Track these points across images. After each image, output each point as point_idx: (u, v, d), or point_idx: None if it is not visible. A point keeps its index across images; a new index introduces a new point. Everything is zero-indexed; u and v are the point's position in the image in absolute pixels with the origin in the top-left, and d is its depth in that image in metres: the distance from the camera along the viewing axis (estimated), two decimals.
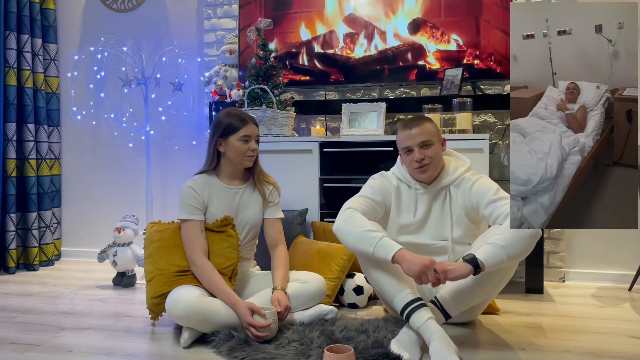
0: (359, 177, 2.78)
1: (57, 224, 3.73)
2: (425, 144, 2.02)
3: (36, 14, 3.49)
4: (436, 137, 2.05)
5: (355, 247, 1.90)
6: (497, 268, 1.81)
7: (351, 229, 1.90)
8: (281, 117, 2.91)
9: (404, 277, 1.90)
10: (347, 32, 3.15)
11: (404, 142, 2.05)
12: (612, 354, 1.85)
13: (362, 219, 1.92)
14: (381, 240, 1.84)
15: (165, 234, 2.19)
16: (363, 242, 1.86)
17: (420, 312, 1.80)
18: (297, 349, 1.80)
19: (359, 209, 1.98)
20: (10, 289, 2.87)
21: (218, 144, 2.16)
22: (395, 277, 1.90)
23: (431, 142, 2.03)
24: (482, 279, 1.86)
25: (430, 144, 2.03)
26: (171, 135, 3.53)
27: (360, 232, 1.88)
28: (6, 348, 1.95)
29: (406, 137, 2.04)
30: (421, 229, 2.11)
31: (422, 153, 2.02)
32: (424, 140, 2.02)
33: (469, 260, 1.75)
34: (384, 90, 3.24)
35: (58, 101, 3.70)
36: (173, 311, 1.93)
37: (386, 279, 1.91)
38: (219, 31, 3.49)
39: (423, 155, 2.02)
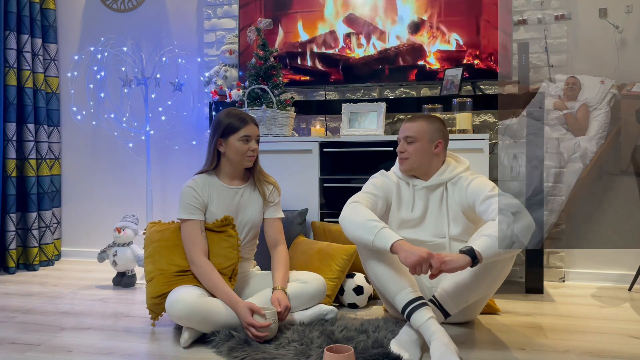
0: (359, 177, 2.78)
1: (57, 224, 3.73)
2: (408, 139, 2.13)
3: (36, 14, 3.49)
4: (425, 136, 2.12)
5: (356, 235, 1.92)
6: (494, 260, 1.82)
7: (354, 218, 1.94)
8: (281, 117, 2.91)
9: (405, 275, 1.90)
10: (347, 32, 3.15)
11: (399, 132, 2.19)
12: (612, 354, 1.85)
13: (366, 211, 1.96)
14: (382, 230, 1.86)
15: (165, 234, 2.19)
16: (364, 231, 1.88)
17: (422, 311, 1.80)
18: (297, 349, 1.80)
19: (363, 203, 2.02)
20: (10, 289, 2.87)
21: (218, 144, 2.16)
22: (397, 274, 1.90)
23: (414, 139, 2.11)
24: (479, 274, 1.87)
25: (413, 140, 2.12)
26: (171, 135, 3.53)
27: (363, 221, 1.90)
28: (6, 348, 1.95)
29: (401, 128, 2.18)
30: (420, 224, 2.14)
31: (403, 146, 2.14)
32: (407, 135, 2.13)
33: (467, 251, 1.76)
34: (384, 90, 3.24)
35: (58, 101, 3.70)
36: (173, 311, 1.93)
37: (388, 276, 1.91)
38: (219, 31, 3.49)
39: (404, 149, 2.14)
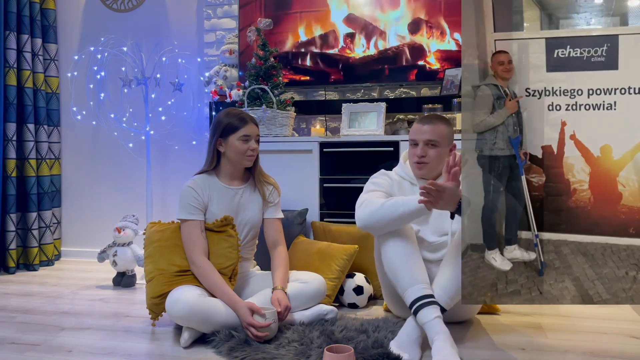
0: (359, 177, 2.78)
1: (57, 224, 3.73)
2: (431, 143, 2.04)
3: (36, 14, 3.49)
4: (446, 140, 2.06)
5: (384, 220, 1.89)
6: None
7: (373, 210, 1.91)
8: (281, 117, 2.91)
9: (420, 269, 1.88)
10: (347, 32, 3.15)
11: (413, 134, 2.08)
12: (612, 354, 1.85)
13: (377, 200, 1.94)
14: (400, 199, 1.87)
15: (165, 234, 2.19)
16: (389, 210, 1.87)
17: (430, 309, 1.79)
18: (297, 349, 1.80)
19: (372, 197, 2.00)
20: (10, 289, 2.87)
21: (218, 143, 2.16)
22: (412, 267, 1.87)
23: (438, 143, 2.03)
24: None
25: (436, 145, 2.03)
26: (171, 135, 3.53)
27: (381, 207, 1.89)
28: (6, 348, 1.95)
29: (417, 130, 2.07)
30: (424, 221, 2.10)
31: (424, 150, 2.04)
32: (430, 139, 2.03)
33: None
34: (384, 90, 3.24)
35: (58, 101, 3.70)
36: (173, 311, 1.93)
37: (403, 266, 1.87)
38: (219, 31, 3.49)
39: (425, 152, 2.04)
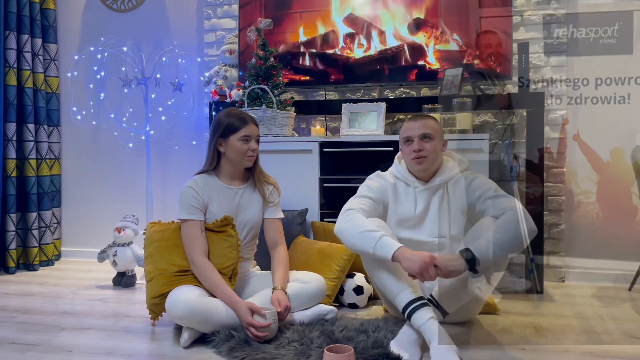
0: (359, 177, 2.77)
1: (57, 224, 3.73)
2: (425, 137, 2.06)
3: (36, 14, 3.49)
4: (438, 133, 2.10)
5: (356, 247, 1.94)
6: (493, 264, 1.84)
7: (351, 230, 1.94)
8: (281, 117, 2.91)
9: (406, 275, 1.90)
10: (347, 32, 3.15)
11: (406, 132, 2.10)
12: (612, 354, 1.85)
13: (361, 219, 1.95)
14: (381, 239, 1.85)
15: (165, 234, 2.19)
16: (363, 242, 1.89)
17: (422, 311, 1.80)
18: (297, 349, 1.80)
19: (358, 209, 2.00)
20: (10, 289, 2.87)
21: (218, 144, 2.16)
22: (397, 275, 1.90)
23: (432, 136, 2.06)
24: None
25: (430, 137, 2.06)
26: (171, 135, 3.53)
27: (360, 233, 1.90)
28: (6, 348, 1.95)
29: (408, 128, 2.10)
30: (420, 225, 2.12)
31: (421, 145, 2.06)
32: (424, 132, 2.06)
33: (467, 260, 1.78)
34: (384, 90, 3.24)
35: (58, 101, 3.70)
36: (173, 311, 1.93)
37: (389, 277, 1.92)
38: (219, 31, 3.49)
39: (422, 147, 2.06)
